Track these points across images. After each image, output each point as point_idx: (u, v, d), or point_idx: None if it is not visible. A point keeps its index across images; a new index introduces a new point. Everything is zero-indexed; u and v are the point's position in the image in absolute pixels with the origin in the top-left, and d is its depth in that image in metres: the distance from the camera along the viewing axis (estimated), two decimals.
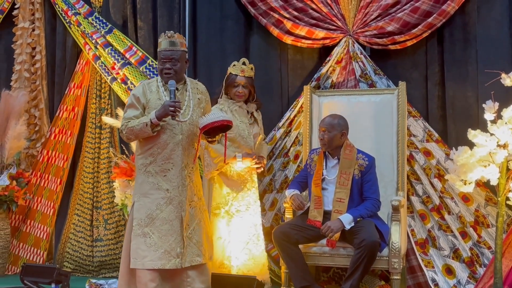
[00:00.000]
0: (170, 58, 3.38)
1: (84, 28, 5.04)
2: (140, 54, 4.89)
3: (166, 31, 3.46)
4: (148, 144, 3.39)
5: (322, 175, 3.76)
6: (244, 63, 4.07)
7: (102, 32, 5.00)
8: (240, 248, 3.95)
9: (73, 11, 5.11)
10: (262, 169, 4.10)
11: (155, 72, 4.77)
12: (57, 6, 5.20)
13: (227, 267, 3.92)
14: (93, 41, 5.00)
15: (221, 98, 4.10)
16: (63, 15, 5.17)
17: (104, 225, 4.94)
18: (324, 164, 3.80)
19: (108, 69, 4.97)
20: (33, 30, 5.32)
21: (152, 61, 4.85)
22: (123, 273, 3.43)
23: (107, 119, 4.78)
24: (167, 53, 3.40)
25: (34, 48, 5.32)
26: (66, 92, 5.19)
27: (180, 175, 3.40)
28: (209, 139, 3.50)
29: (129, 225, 3.43)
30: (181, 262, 3.35)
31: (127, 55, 4.90)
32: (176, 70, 3.42)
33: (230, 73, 4.07)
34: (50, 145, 5.21)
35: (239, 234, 3.96)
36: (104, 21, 5.06)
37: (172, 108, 3.25)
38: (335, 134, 3.71)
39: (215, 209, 3.99)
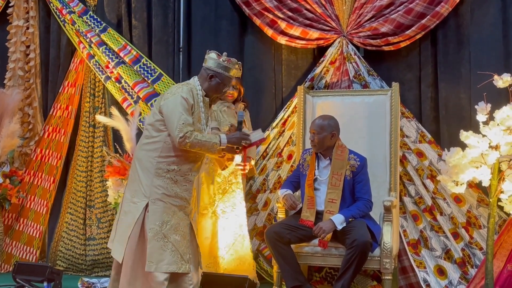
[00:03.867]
0: (231, 85, 3.62)
1: (79, 26, 5.03)
2: (135, 53, 4.89)
3: (238, 61, 3.52)
4: (175, 152, 3.34)
5: (314, 176, 3.77)
6: None
7: (97, 30, 5.00)
8: (226, 249, 3.97)
9: (67, 10, 5.10)
10: (247, 170, 4.06)
11: (149, 71, 4.79)
12: (51, 4, 5.19)
13: (214, 267, 3.93)
14: (88, 40, 5.00)
15: None
16: (58, 13, 5.16)
17: (97, 224, 4.94)
18: (316, 164, 3.80)
19: (102, 68, 4.96)
20: (28, 28, 5.31)
21: (146, 60, 4.85)
22: (126, 273, 3.35)
23: (101, 118, 4.77)
24: (232, 80, 3.56)
25: (28, 47, 5.32)
26: (60, 90, 5.18)
27: (194, 183, 3.48)
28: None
29: (136, 226, 3.33)
30: (189, 266, 3.39)
31: (121, 54, 4.89)
32: None
33: None
34: (43, 144, 5.20)
35: (225, 235, 3.98)
36: (98, 20, 5.04)
37: (244, 143, 3.44)
38: (325, 135, 3.71)
39: (203, 210, 3.99)
